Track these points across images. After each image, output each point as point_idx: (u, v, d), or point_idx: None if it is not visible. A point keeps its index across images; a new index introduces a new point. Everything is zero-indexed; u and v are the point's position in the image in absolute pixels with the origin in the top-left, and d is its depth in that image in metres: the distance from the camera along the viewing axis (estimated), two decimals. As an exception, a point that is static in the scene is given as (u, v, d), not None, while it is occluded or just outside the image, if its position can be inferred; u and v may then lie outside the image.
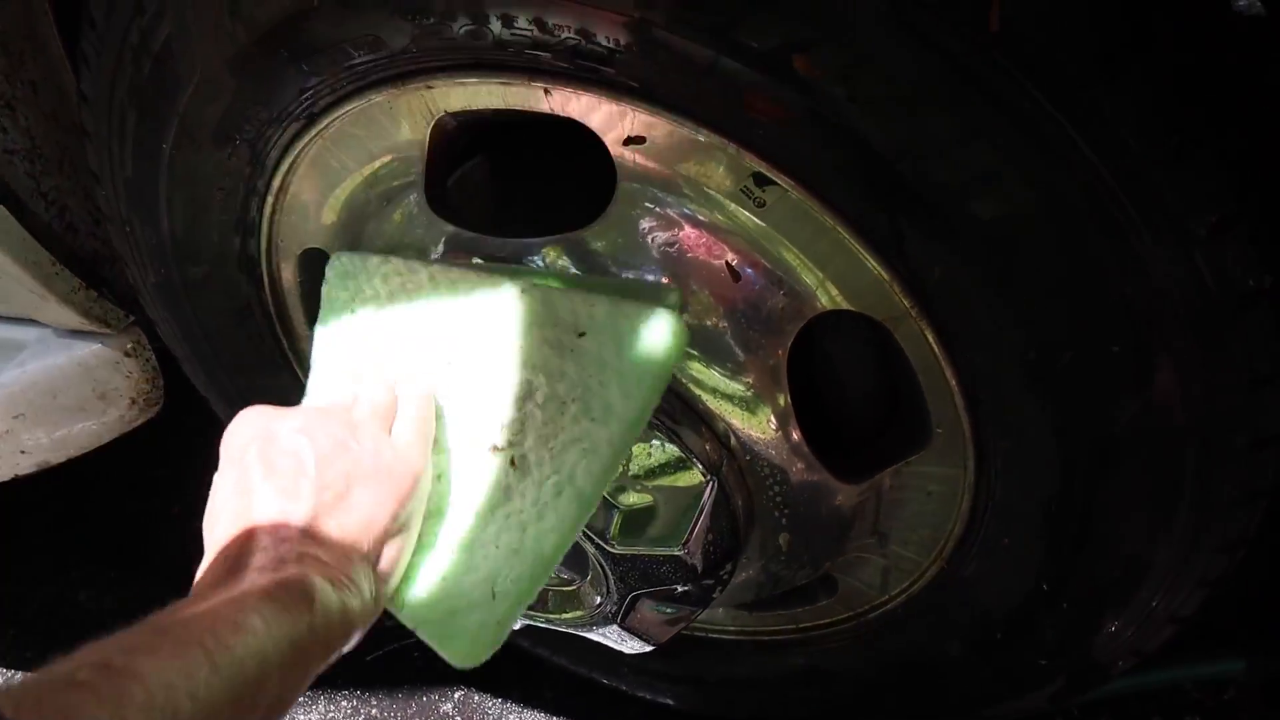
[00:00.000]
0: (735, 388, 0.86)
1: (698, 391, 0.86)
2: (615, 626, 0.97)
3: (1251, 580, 1.23)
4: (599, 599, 0.96)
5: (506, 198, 0.95)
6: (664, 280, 0.82)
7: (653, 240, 0.82)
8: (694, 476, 0.87)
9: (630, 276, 0.83)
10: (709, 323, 0.83)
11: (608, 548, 0.89)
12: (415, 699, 1.49)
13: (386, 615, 1.66)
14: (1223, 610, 1.05)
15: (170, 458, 1.90)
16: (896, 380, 0.89)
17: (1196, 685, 1.21)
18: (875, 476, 0.91)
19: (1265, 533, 0.87)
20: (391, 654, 1.55)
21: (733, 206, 0.77)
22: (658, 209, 0.80)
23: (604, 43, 0.68)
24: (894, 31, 0.61)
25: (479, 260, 0.87)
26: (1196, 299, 0.67)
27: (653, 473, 0.88)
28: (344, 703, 1.49)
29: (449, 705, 1.48)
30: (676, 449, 0.85)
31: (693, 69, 0.67)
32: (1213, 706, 1.20)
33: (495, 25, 0.71)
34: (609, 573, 0.92)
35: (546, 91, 0.76)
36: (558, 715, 1.45)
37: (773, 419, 0.87)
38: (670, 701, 1.32)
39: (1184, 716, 1.20)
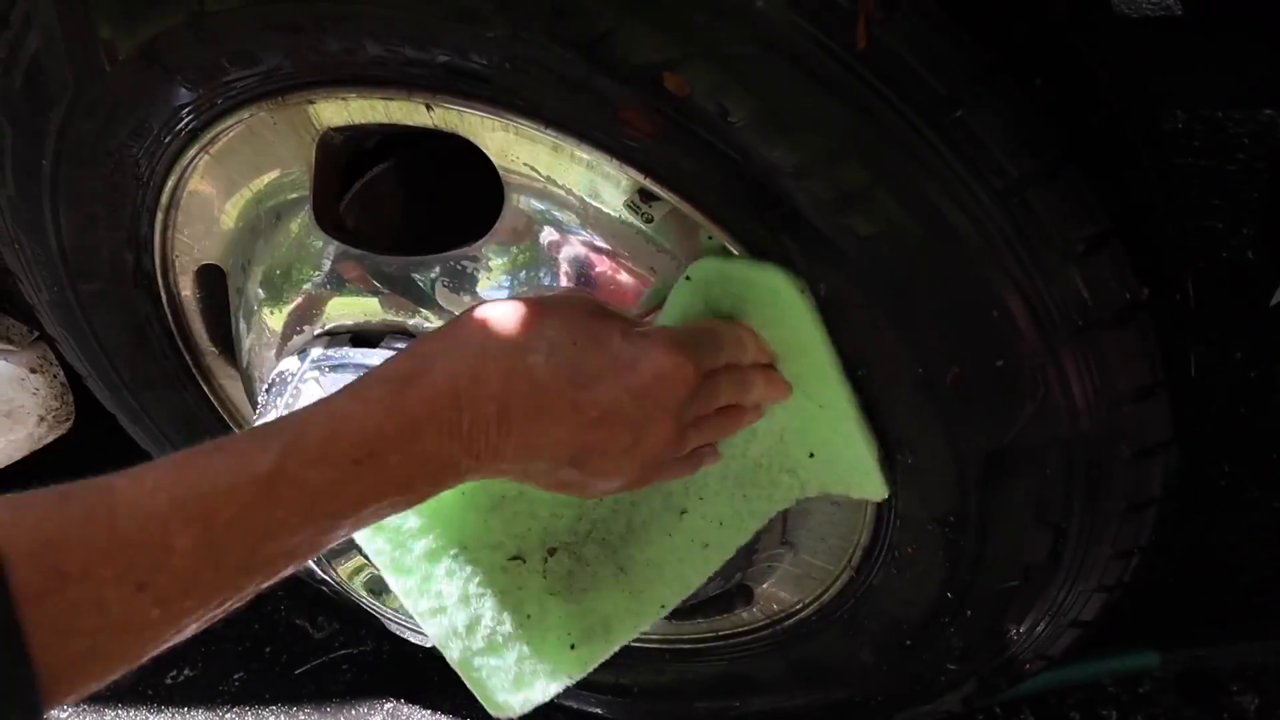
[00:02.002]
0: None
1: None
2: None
3: (1163, 576, 1.26)
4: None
5: (400, 214, 0.93)
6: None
7: (548, 254, 0.81)
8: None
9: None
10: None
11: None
12: (344, 712, 1.47)
13: (315, 628, 1.63)
14: (1136, 605, 1.07)
15: (94, 472, 1.86)
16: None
17: (1113, 679, 1.23)
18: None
19: (1175, 530, 0.88)
20: (320, 667, 1.53)
21: (622, 220, 0.76)
22: (549, 224, 0.79)
23: (477, 60, 0.67)
24: (763, 49, 0.60)
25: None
26: (1076, 314, 0.67)
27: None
28: (271, 717, 1.47)
29: (378, 717, 1.46)
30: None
31: (566, 85, 0.66)
32: (1129, 700, 1.22)
33: (368, 42, 0.69)
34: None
35: (428, 107, 0.74)
36: (487, 725, 1.44)
37: (676, 432, 0.86)
38: (598, 710, 1.31)
39: (1101, 710, 1.21)
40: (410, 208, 0.96)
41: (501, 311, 0.61)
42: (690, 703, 1.20)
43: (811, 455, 0.78)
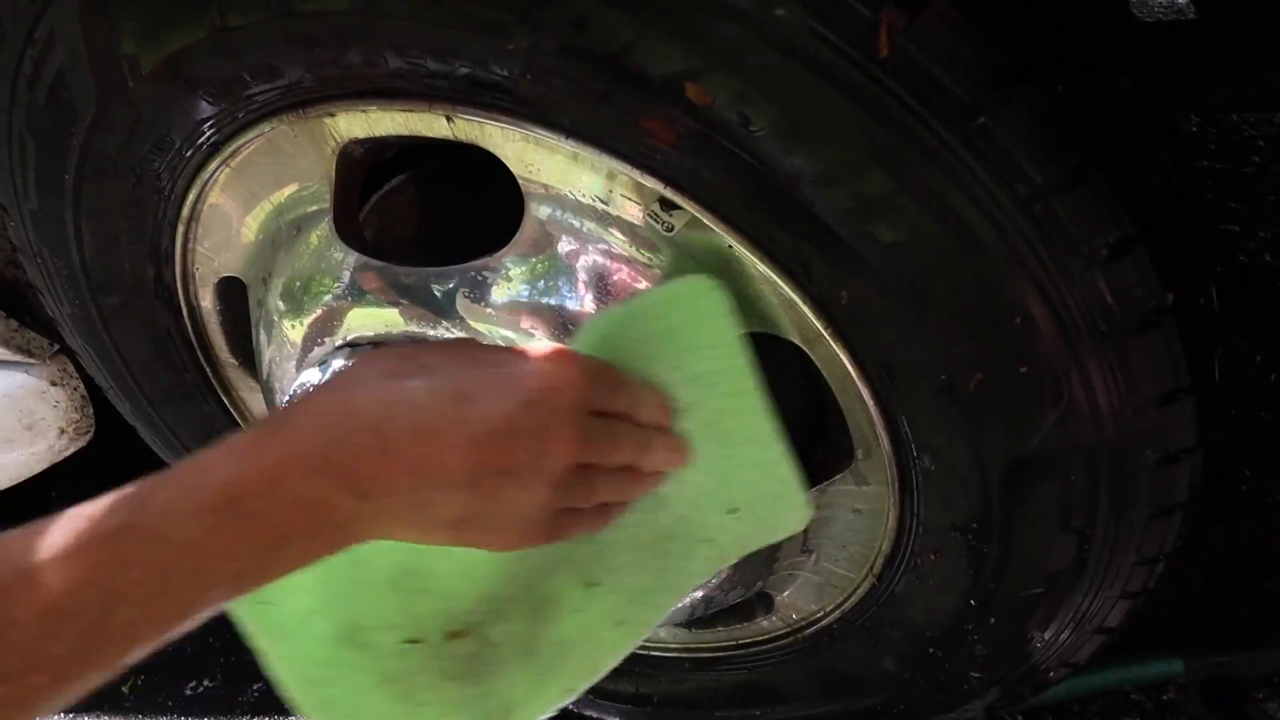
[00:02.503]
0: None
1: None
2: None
3: (1189, 582, 1.25)
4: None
5: (420, 225, 0.93)
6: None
7: (568, 264, 0.81)
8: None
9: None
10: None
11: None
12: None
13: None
14: (1159, 611, 1.06)
15: (114, 484, 1.87)
16: (818, 402, 0.89)
17: (1137, 687, 1.22)
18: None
19: (1198, 534, 0.87)
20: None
21: (643, 230, 0.76)
22: (570, 235, 0.79)
23: (498, 71, 0.67)
24: (785, 58, 0.61)
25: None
26: (1100, 319, 0.67)
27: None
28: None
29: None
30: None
31: (588, 96, 0.66)
32: (1152, 708, 1.21)
33: (389, 55, 0.69)
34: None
35: (449, 118, 0.75)
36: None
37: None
38: None
39: (1123, 718, 1.20)
40: (427, 218, 0.96)
41: (376, 352, 0.58)
42: (710, 712, 1.20)
43: (734, 511, 0.74)
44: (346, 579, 0.71)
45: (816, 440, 0.93)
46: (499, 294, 0.82)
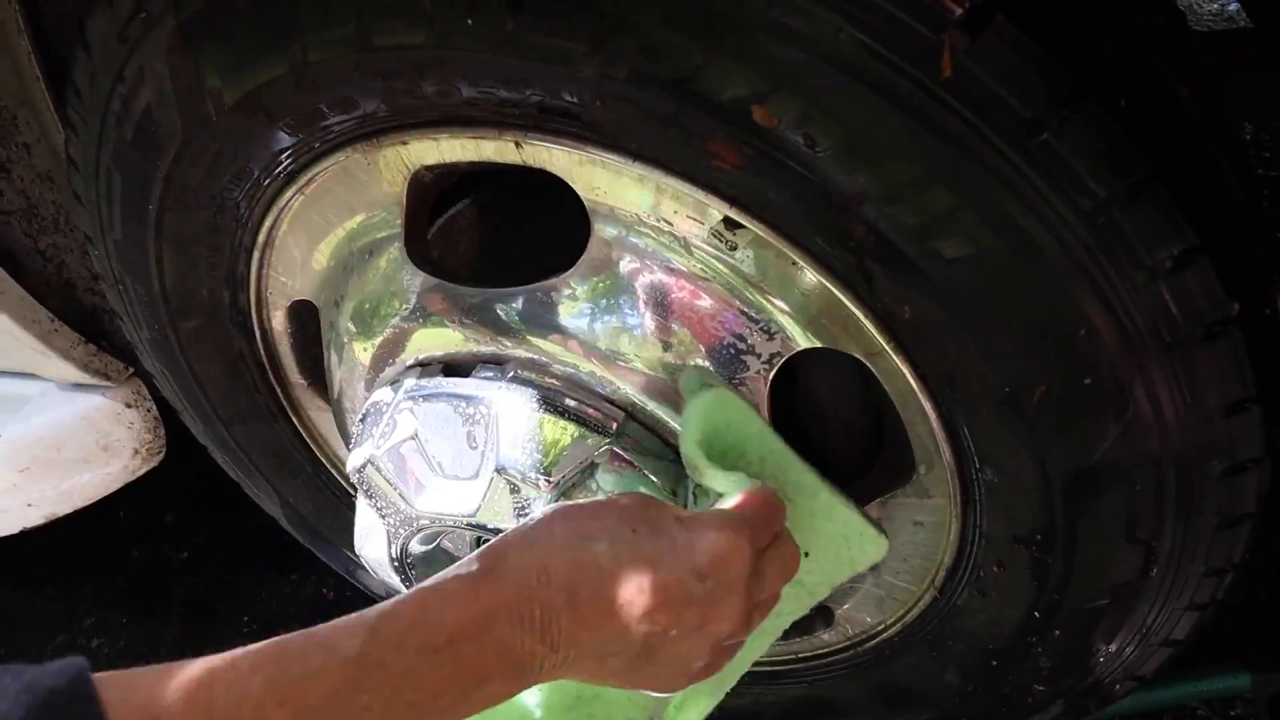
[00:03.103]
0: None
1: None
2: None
3: (1255, 594, 1.23)
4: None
5: (486, 248, 0.96)
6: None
7: (632, 285, 0.83)
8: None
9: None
10: (691, 362, 0.84)
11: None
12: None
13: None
14: (1228, 626, 1.05)
15: (176, 504, 1.92)
16: (880, 415, 0.90)
17: (1203, 702, 1.20)
18: (862, 508, 0.91)
19: (1266, 546, 0.87)
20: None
21: (706, 250, 0.78)
22: (634, 255, 0.81)
23: (569, 98, 0.70)
24: (849, 80, 0.62)
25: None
26: (1165, 330, 0.68)
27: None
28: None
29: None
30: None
31: (655, 120, 0.68)
32: (1220, 724, 1.19)
33: (462, 85, 0.72)
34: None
35: (518, 145, 0.77)
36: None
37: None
38: (675, 734, 1.32)
39: (1191, 734, 1.19)
40: (489, 241, 0.99)
41: (566, 511, 0.65)
42: (770, 727, 1.20)
43: (806, 554, 0.79)
44: (532, 701, 0.80)
45: (878, 454, 0.94)
46: (564, 313, 0.85)
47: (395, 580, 1.00)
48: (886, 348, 0.76)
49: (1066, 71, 0.61)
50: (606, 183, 0.77)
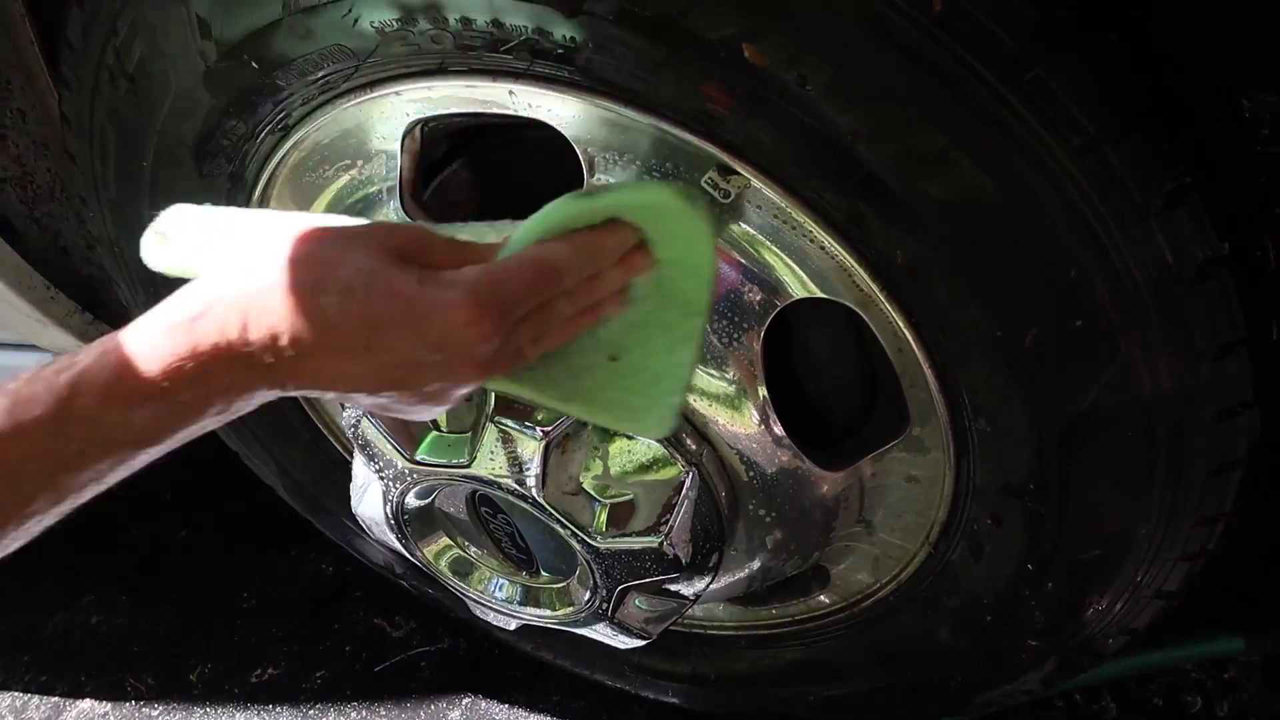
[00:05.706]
0: (714, 379, 0.86)
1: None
2: (605, 623, 0.98)
3: (1248, 557, 1.23)
4: (587, 594, 0.97)
5: (483, 201, 0.96)
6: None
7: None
8: (675, 469, 0.87)
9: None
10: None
11: (592, 543, 0.90)
12: (423, 707, 1.50)
13: (393, 626, 1.66)
14: (1221, 588, 1.05)
15: (175, 483, 1.92)
16: (874, 366, 0.90)
17: (1196, 665, 1.21)
18: (856, 464, 0.91)
19: (1260, 509, 0.87)
20: (399, 665, 1.56)
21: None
22: (627, 205, 0.81)
23: (560, 39, 0.70)
24: (839, 17, 0.62)
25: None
26: (1156, 271, 0.68)
27: (636, 468, 0.89)
28: (353, 713, 1.50)
29: (456, 712, 1.49)
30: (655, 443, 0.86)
31: (647, 62, 0.68)
32: (1213, 685, 1.20)
33: (454, 27, 0.72)
34: (594, 568, 0.93)
35: (511, 92, 0.77)
36: (564, 717, 1.45)
37: (752, 409, 0.88)
38: (675, 700, 1.32)
39: (1184, 696, 1.19)
40: (488, 198, 0.99)
41: (301, 251, 0.59)
42: (766, 689, 1.21)
43: (613, 359, 0.70)
44: None
45: (872, 410, 0.94)
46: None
47: (391, 538, 1.00)
48: (879, 295, 0.76)
49: (1057, 6, 0.61)
50: (599, 129, 0.77)
